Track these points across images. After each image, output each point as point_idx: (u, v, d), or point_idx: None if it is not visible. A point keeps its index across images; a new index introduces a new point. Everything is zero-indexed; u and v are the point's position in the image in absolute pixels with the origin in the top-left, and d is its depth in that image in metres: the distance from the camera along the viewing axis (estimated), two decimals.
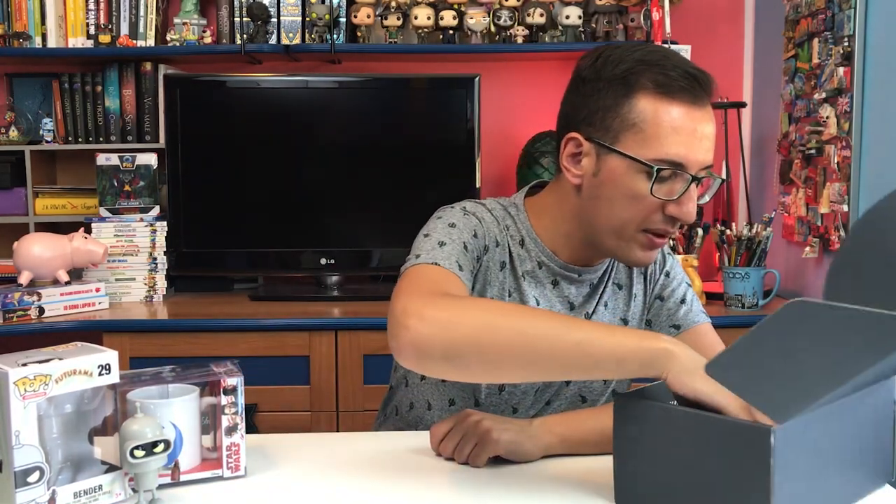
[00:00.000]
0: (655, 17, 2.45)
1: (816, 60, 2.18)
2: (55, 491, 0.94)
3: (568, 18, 2.56)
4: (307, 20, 2.59)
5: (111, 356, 0.98)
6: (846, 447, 0.94)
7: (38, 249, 2.28)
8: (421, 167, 2.52)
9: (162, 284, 2.47)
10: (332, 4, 2.57)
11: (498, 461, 1.13)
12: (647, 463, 0.95)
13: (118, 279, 2.44)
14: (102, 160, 2.45)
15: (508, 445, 1.12)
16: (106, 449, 1.03)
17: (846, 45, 2.02)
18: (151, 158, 2.47)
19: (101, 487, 0.98)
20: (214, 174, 2.52)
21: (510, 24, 2.57)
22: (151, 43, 2.60)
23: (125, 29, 2.60)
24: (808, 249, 2.22)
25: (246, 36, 2.58)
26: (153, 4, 2.60)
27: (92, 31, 2.59)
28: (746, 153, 2.70)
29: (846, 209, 2.02)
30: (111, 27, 2.58)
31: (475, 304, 1.05)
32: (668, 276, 1.34)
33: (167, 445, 0.97)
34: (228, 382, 1.07)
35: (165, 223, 2.48)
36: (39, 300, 2.23)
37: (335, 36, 2.58)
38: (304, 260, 2.53)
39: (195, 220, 2.51)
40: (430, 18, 2.56)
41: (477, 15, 2.58)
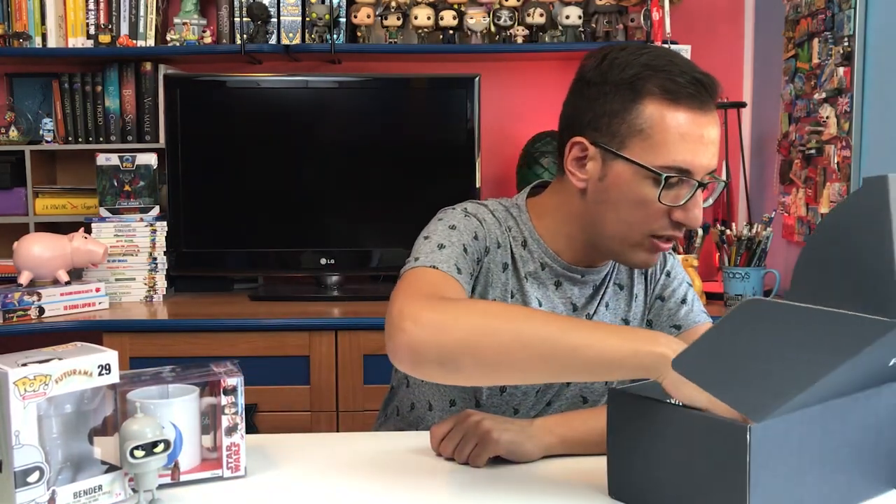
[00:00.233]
0: (655, 17, 2.45)
1: (816, 60, 2.18)
2: (55, 491, 0.94)
3: (568, 18, 2.57)
4: (307, 20, 2.59)
5: (111, 356, 0.98)
6: (840, 450, 0.94)
7: (38, 249, 2.28)
8: (421, 167, 2.52)
9: (162, 284, 2.47)
10: (332, 4, 2.57)
11: (498, 461, 1.13)
12: (637, 457, 0.97)
13: (118, 279, 2.44)
14: (102, 160, 2.45)
15: (508, 445, 1.12)
16: (106, 449, 1.03)
17: (846, 45, 2.02)
18: (151, 158, 2.47)
19: (101, 487, 0.98)
20: (214, 174, 2.52)
21: (510, 24, 2.57)
22: (151, 43, 2.60)
23: (125, 29, 2.60)
24: None
25: (246, 36, 2.58)
26: (153, 4, 2.60)
27: (92, 31, 2.59)
28: (746, 153, 2.70)
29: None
30: (111, 27, 2.58)
31: (470, 307, 1.05)
32: (668, 276, 1.34)
33: (167, 445, 0.97)
34: (228, 382, 1.07)
35: (165, 223, 2.48)
36: (39, 300, 2.23)
37: (335, 36, 2.58)
38: (304, 260, 2.53)
39: (195, 220, 2.51)
40: (430, 18, 2.56)
41: (477, 15, 2.58)
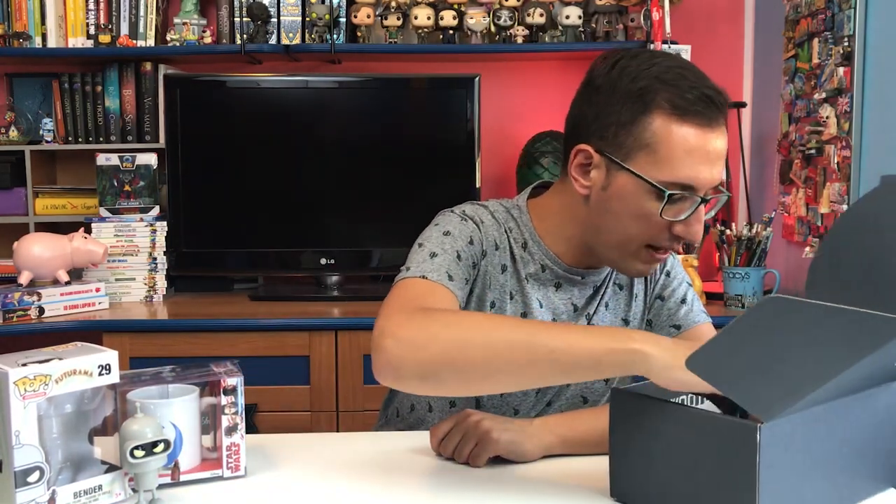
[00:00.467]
0: (655, 17, 2.45)
1: (816, 60, 2.18)
2: (55, 491, 0.94)
3: (568, 18, 2.57)
4: (307, 20, 2.59)
5: (111, 356, 0.98)
6: (842, 449, 0.94)
7: (38, 249, 2.28)
8: (421, 167, 2.52)
9: (162, 284, 2.47)
10: (332, 4, 2.57)
11: (498, 461, 1.13)
12: (641, 457, 0.96)
13: (118, 279, 2.44)
14: (102, 160, 2.45)
15: (508, 445, 1.12)
16: (106, 449, 1.03)
17: (846, 45, 2.02)
18: (151, 158, 2.47)
19: (101, 487, 0.98)
20: (214, 174, 2.52)
21: (510, 24, 2.57)
22: (151, 43, 2.60)
23: (125, 29, 2.60)
24: (808, 249, 2.21)
25: (246, 36, 2.58)
26: (153, 4, 2.60)
27: (92, 31, 2.59)
28: (746, 153, 2.70)
29: (846, 209, 2.02)
30: (111, 27, 2.58)
31: (449, 319, 1.04)
32: (668, 275, 1.34)
33: (167, 445, 0.97)
34: (228, 382, 1.07)
35: (165, 223, 2.48)
36: (39, 300, 2.23)
37: (335, 36, 2.58)
38: (304, 260, 2.53)
39: (195, 220, 2.51)
40: (430, 18, 2.56)
41: (477, 15, 2.58)
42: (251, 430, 1.61)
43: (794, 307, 0.81)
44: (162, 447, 0.97)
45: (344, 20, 2.61)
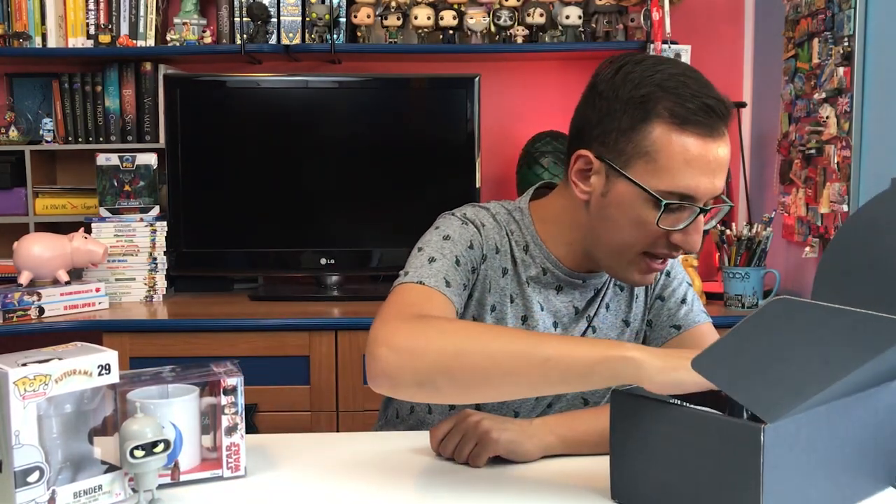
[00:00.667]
0: (655, 17, 2.45)
1: (816, 60, 2.18)
2: (55, 491, 0.94)
3: (568, 18, 2.57)
4: (307, 20, 2.60)
5: (111, 356, 0.98)
6: (843, 449, 0.94)
7: (38, 249, 2.28)
8: (421, 167, 2.52)
9: (162, 284, 2.47)
10: (332, 4, 2.57)
11: (498, 461, 1.13)
12: (642, 458, 0.96)
13: (118, 279, 2.44)
14: (102, 160, 2.46)
15: (508, 445, 1.12)
16: (106, 449, 1.03)
17: (846, 45, 2.02)
18: (151, 158, 2.47)
19: (100, 487, 0.98)
20: (214, 174, 2.52)
21: (510, 24, 2.57)
22: (151, 43, 2.60)
23: (125, 29, 2.60)
24: (808, 249, 2.21)
25: (246, 36, 2.58)
26: (153, 4, 2.60)
27: (92, 31, 2.59)
28: (746, 153, 2.70)
29: (846, 209, 2.02)
30: (111, 27, 2.58)
31: (444, 327, 1.04)
32: (668, 275, 1.34)
33: (167, 445, 0.97)
34: (228, 382, 1.07)
35: (165, 223, 2.48)
36: (39, 300, 2.23)
37: (335, 36, 2.58)
38: (304, 260, 2.53)
39: (195, 220, 2.51)
40: (430, 18, 2.56)
41: (477, 15, 2.58)
42: (251, 430, 1.61)
43: (799, 309, 0.81)
44: (162, 447, 0.97)
45: (344, 20, 2.61)
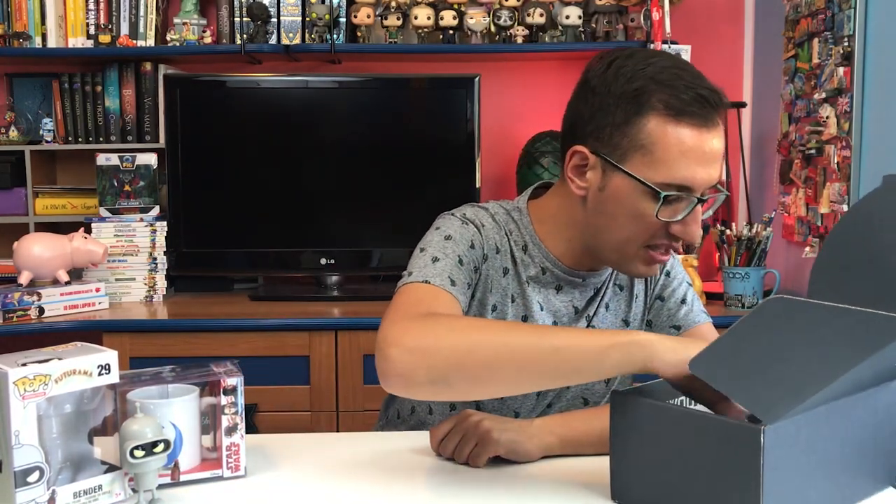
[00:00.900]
0: (655, 17, 2.45)
1: (816, 60, 2.18)
2: (55, 491, 0.94)
3: (568, 18, 2.57)
4: (307, 20, 2.59)
5: (111, 356, 0.98)
6: (843, 449, 0.94)
7: (38, 249, 2.28)
8: (421, 167, 2.52)
9: (162, 284, 2.47)
10: (332, 4, 2.57)
11: (498, 461, 1.13)
12: (642, 459, 0.96)
13: (118, 279, 2.44)
14: (102, 160, 2.46)
15: (508, 445, 1.12)
16: (106, 449, 1.03)
17: (846, 45, 2.02)
18: (151, 158, 2.47)
19: (100, 487, 0.98)
20: (214, 174, 2.52)
21: (510, 24, 2.57)
22: (151, 43, 2.60)
23: (125, 29, 2.60)
24: (808, 249, 2.21)
25: (246, 36, 2.58)
26: (153, 4, 2.60)
27: (92, 31, 2.59)
28: (746, 153, 2.70)
29: (846, 209, 2.02)
30: (111, 27, 2.58)
31: (453, 324, 1.05)
32: (668, 275, 1.34)
33: (167, 445, 0.97)
34: (228, 382, 1.07)
35: (165, 223, 2.48)
36: (39, 300, 2.23)
37: (335, 36, 2.58)
38: (304, 260, 2.53)
39: (195, 220, 2.51)
40: (430, 18, 2.56)
41: (477, 15, 2.58)
42: (251, 430, 1.61)
43: (797, 308, 0.81)
44: (162, 447, 0.97)
45: (344, 20, 2.61)
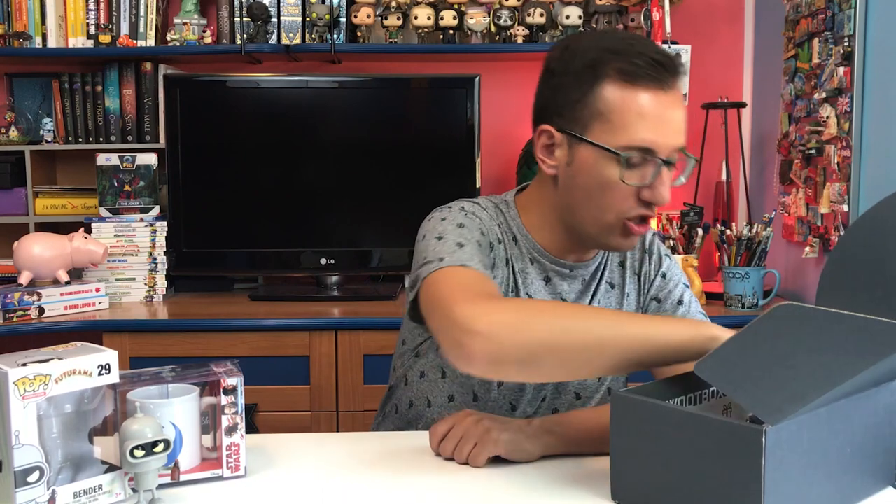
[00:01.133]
0: (655, 17, 2.45)
1: (816, 60, 2.18)
2: (55, 491, 0.94)
3: (568, 18, 2.57)
4: (307, 20, 2.60)
5: (111, 356, 0.98)
6: (843, 450, 0.94)
7: (38, 249, 2.28)
8: (421, 167, 2.52)
9: (162, 284, 2.47)
10: (332, 4, 2.57)
11: (498, 461, 1.13)
12: (642, 459, 0.96)
13: (118, 279, 2.44)
14: (102, 160, 2.46)
15: (508, 445, 1.12)
16: (106, 449, 1.03)
17: (846, 45, 2.02)
18: (151, 158, 2.47)
19: (101, 487, 0.98)
20: (214, 174, 2.52)
21: (510, 24, 2.57)
22: (151, 43, 2.60)
23: (125, 29, 2.60)
24: (808, 249, 2.22)
25: (246, 36, 2.58)
26: (153, 4, 2.60)
27: (92, 31, 2.59)
28: (746, 153, 2.70)
29: (846, 209, 2.02)
30: (111, 27, 2.58)
31: (535, 305, 1.08)
32: (664, 277, 1.34)
33: (167, 445, 0.97)
34: (228, 382, 1.07)
35: (165, 223, 2.48)
36: (39, 300, 2.23)
37: (335, 36, 2.58)
38: (304, 260, 2.53)
39: (195, 220, 2.51)
40: (430, 18, 2.56)
41: (477, 15, 2.58)
42: (251, 430, 1.61)
43: (803, 313, 0.81)
44: (162, 447, 0.97)
45: (344, 20, 2.61)
